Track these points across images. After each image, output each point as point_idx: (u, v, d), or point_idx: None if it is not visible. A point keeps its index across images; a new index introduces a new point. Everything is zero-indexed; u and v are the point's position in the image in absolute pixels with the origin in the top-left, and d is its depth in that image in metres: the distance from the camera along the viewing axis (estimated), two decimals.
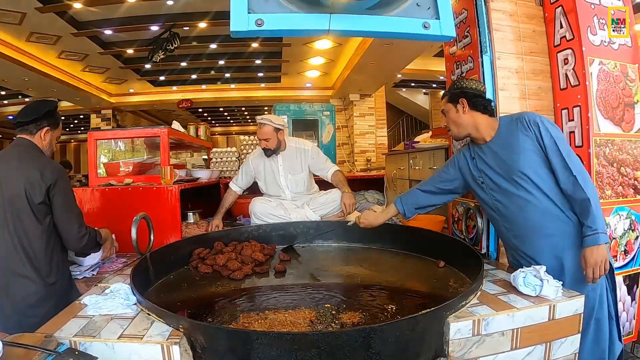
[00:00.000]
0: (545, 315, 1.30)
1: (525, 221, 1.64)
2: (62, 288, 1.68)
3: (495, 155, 1.67)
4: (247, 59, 8.40)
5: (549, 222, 1.59)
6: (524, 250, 1.68)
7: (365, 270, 1.92)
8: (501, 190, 1.67)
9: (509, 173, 1.63)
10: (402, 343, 1.11)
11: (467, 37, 2.19)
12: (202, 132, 4.22)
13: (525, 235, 1.66)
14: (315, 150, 3.05)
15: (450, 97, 1.74)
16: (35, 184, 1.60)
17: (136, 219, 1.82)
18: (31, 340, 1.00)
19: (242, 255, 1.99)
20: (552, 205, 1.58)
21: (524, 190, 1.61)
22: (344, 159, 8.04)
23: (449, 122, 1.76)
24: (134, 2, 5.48)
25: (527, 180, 1.59)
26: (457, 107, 1.71)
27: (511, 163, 1.61)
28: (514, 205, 1.65)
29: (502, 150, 1.65)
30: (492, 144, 1.69)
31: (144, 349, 1.09)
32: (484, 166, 1.72)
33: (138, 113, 12.79)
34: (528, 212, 1.61)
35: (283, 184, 2.96)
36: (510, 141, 1.63)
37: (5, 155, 1.71)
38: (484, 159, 1.72)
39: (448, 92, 1.77)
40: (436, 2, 1.39)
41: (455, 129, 1.75)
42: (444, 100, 1.79)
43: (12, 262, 1.57)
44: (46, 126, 1.76)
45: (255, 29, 1.24)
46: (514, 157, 1.60)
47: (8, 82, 8.34)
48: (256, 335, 1.07)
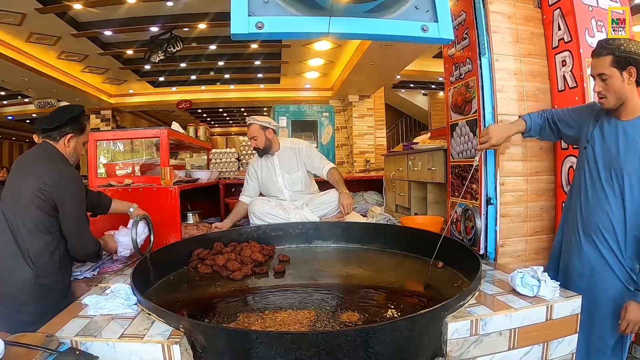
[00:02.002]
0: (542, 316, 1.31)
1: (588, 212, 1.57)
2: (58, 290, 1.68)
3: (616, 135, 1.50)
4: (247, 59, 8.42)
5: (603, 231, 1.53)
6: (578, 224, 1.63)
7: (364, 270, 1.93)
8: (594, 167, 1.55)
9: (612, 160, 1.50)
10: (401, 343, 1.12)
11: (466, 39, 2.20)
12: (201, 133, 4.24)
13: (579, 221, 1.61)
14: (309, 148, 3.08)
15: (616, 60, 1.45)
16: (43, 186, 1.63)
17: (136, 220, 1.83)
18: (32, 339, 1.01)
19: (241, 256, 2.00)
20: (619, 222, 1.49)
21: (609, 187, 1.50)
22: (343, 159, 8.06)
23: (609, 89, 1.48)
24: (133, 3, 5.49)
25: (620, 181, 1.47)
26: (624, 75, 1.45)
27: (622, 154, 1.47)
28: (592, 191, 1.56)
29: (626, 137, 1.48)
30: (623, 123, 1.50)
31: (145, 348, 1.10)
32: (598, 135, 1.56)
33: (137, 114, 12.78)
34: (597, 207, 1.54)
35: (280, 184, 2.99)
36: (638, 137, 1.46)
37: (24, 157, 1.79)
38: (603, 130, 1.55)
39: (611, 52, 1.46)
40: (435, 5, 1.40)
41: (613, 99, 1.49)
42: (603, 60, 1.48)
43: (8, 255, 1.60)
44: (70, 133, 1.79)
45: (256, 32, 1.25)
46: (629, 153, 1.46)
47: (8, 83, 8.34)
48: (256, 334, 1.08)
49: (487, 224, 2.06)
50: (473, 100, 2.16)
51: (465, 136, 2.23)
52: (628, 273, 1.49)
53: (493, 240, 2.06)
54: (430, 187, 3.16)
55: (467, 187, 2.23)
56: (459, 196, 2.23)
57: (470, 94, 2.19)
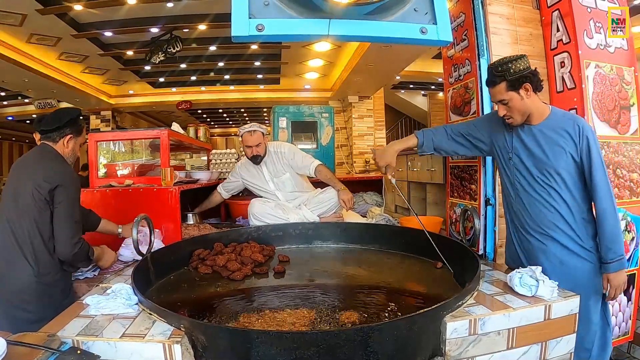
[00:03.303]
0: (540, 315, 1.32)
1: (536, 214, 1.67)
2: (59, 289, 1.70)
3: (536, 141, 1.63)
4: (246, 60, 8.41)
5: (557, 226, 1.63)
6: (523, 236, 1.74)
7: (364, 271, 1.94)
8: (528, 174, 1.66)
9: (543, 164, 1.61)
10: (400, 342, 1.13)
11: (465, 40, 2.21)
12: (201, 134, 4.24)
13: (530, 225, 1.70)
14: (291, 151, 3.09)
15: (510, 84, 1.57)
16: (42, 184, 1.65)
17: (137, 220, 1.84)
18: (34, 339, 1.02)
19: (241, 256, 2.00)
20: (567, 212, 1.61)
21: (549, 187, 1.61)
22: (343, 160, 8.06)
23: (513, 111, 1.60)
24: (134, 4, 5.49)
25: (556, 180, 1.60)
26: (521, 94, 1.57)
27: (550, 156, 1.59)
28: (534, 194, 1.65)
29: (546, 139, 1.60)
30: (537, 128, 1.63)
31: (146, 347, 1.10)
32: (519, 144, 1.67)
33: (137, 114, 12.78)
34: (543, 208, 1.64)
35: (272, 188, 3.06)
36: (556, 135, 1.59)
37: (25, 157, 1.82)
38: (522, 138, 1.66)
39: (504, 78, 1.57)
40: (433, 8, 1.41)
41: (519, 117, 1.62)
42: (499, 88, 1.60)
43: (10, 254, 1.62)
44: (69, 134, 1.82)
45: (256, 34, 1.26)
46: (555, 151, 1.58)
47: (8, 84, 8.33)
48: (256, 334, 1.09)
49: (486, 224, 2.07)
50: (472, 101, 2.17)
51: None
52: (591, 252, 1.63)
53: (492, 240, 2.07)
54: (430, 187, 3.17)
55: (467, 187, 2.25)
56: (458, 197, 2.24)
57: (469, 95, 2.20)
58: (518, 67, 1.56)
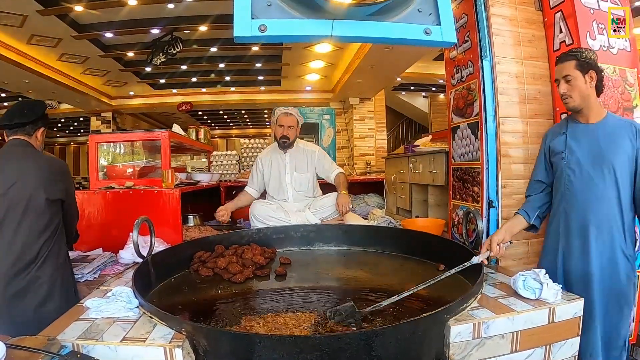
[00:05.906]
0: (544, 319, 1.31)
1: (590, 207, 1.65)
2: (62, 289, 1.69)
3: (593, 139, 1.66)
4: (247, 62, 8.41)
5: (612, 219, 1.62)
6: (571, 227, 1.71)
7: (366, 273, 1.92)
8: (582, 172, 1.67)
9: (600, 160, 1.63)
10: (403, 346, 1.11)
11: (467, 41, 2.20)
12: (202, 135, 4.24)
13: (585, 216, 1.67)
14: (322, 153, 3.13)
15: (580, 64, 1.63)
16: (53, 181, 1.68)
17: (137, 222, 1.83)
18: (34, 342, 1.01)
19: (242, 259, 1.99)
20: (617, 208, 1.62)
21: (604, 183, 1.62)
22: (344, 162, 8.05)
23: (574, 90, 1.64)
24: (135, 5, 5.50)
25: (612, 176, 1.60)
26: (586, 78, 1.63)
27: (608, 154, 1.61)
28: (589, 191, 1.65)
29: (604, 138, 1.63)
30: (595, 127, 1.66)
31: (147, 351, 1.09)
32: (574, 143, 1.70)
33: (138, 116, 12.79)
34: (597, 201, 1.64)
35: (288, 181, 3.00)
36: (614, 135, 1.62)
37: (6, 156, 1.70)
38: (578, 137, 1.70)
39: (575, 58, 1.64)
40: (437, 9, 1.40)
41: (578, 99, 1.65)
42: (568, 64, 1.65)
43: (7, 259, 1.58)
44: (42, 126, 1.82)
45: (259, 35, 1.25)
46: (612, 149, 1.61)
47: (8, 85, 8.34)
48: (259, 338, 1.07)
49: (489, 226, 2.06)
50: (475, 103, 2.16)
51: (467, 139, 2.24)
52: (629, 260, 1.63)
53: None
54: (432, 189, 3.16)
55: (469, 189, 2.24)
56: (460, 199, 2.23)
57: (471, 96, 2.19)
58: (590, 55, 1.64)
